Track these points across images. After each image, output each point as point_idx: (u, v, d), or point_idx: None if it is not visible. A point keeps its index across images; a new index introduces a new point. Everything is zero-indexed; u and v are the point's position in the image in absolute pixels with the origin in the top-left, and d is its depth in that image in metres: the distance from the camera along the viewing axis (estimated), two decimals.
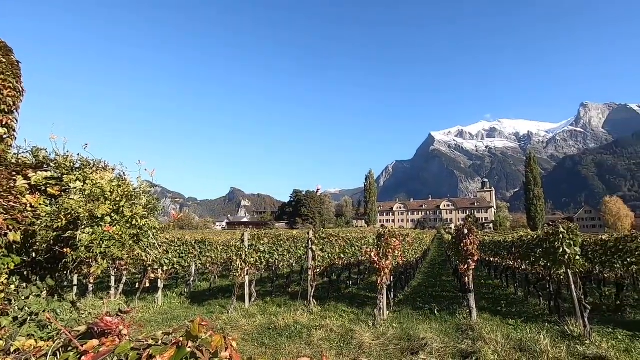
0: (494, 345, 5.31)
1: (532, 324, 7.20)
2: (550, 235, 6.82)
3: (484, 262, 19.45)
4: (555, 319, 7.45)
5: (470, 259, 6.96)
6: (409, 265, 13.15)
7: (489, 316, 8.05)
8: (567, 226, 6.57)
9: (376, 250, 7.23)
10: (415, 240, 16.29)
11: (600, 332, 6.61)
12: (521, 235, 10.33)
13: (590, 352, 5.14)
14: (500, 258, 14.17)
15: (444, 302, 9.87)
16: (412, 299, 10.52)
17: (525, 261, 9.79)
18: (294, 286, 12.41)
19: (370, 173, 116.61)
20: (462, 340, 5.79)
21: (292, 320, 6.89)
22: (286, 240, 10.63)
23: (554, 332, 6.46)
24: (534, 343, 5.38)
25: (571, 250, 6.36)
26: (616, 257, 8.25)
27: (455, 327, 6.82)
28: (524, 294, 10.87)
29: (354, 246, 11.91)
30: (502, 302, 10.20)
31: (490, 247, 17.16)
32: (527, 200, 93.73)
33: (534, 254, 8.29)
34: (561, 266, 6.55)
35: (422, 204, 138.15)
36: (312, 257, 8.35)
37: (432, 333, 6.06)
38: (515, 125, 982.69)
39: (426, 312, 8.32)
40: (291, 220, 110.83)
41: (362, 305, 9.13)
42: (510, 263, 12.17)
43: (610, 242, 8.54)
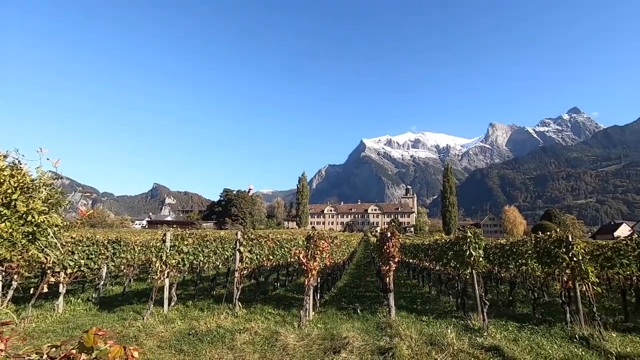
0: (408, 341, 5.72)
1: (442, 320, 7.93)
2: (459, 239, 7.61)
3: (404, 264, 20.87)
4: (461, 314, 8.29)
5: (391, 261, 7.42)
6: (336, 266, 13.54)
7: (406, 314, 8.65)
8: (473, 231, 7.39)
9: (305, 251, 7.31)
10: (343, 242, 16.85)
11: (495, 324, 7.52)
12: (436, 239, 11.32)
13: (487, 342, 5.82)
14: (419, 260, 15.35)
15: (367, 302, 10.35)
16: (337, 300, 10.84)
17: (439, 262, 10.73)
18: (219, 289, 11.95)
19: (303, 175, 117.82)
20: (381, 337, 6.12)
21: (215, 324, 6.61)
22: (213, 240, 10.19)
23: (459, 326, 7.18)
24: (442, 337, 5.91)
25: (476, 253, 7.17)
26: (510, 259, 9.49)
27: (375, 325, 7.19)
28: (436, 293, 11.91)
29: (283, 248, 11.88)
30: (418, 301, 11.04)
31: (410, 249, 18.49)
32: (444, 207, 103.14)
33: (446, 256, 9.15)
34: (467, 267, 7.34)
35: (352, 207, 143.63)
36: (240, 259, 8.12)
37: (354, 332, 6.30)
38: (436, 138, 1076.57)
39: (350, 312, 8.64)
40: (220, 220, 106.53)
41: (288, 307, 9.14)
42: (426, 264, 13.25)
43: (507, 246, 9.79)
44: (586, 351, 5.68)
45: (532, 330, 7.18)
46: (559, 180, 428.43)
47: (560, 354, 5.49)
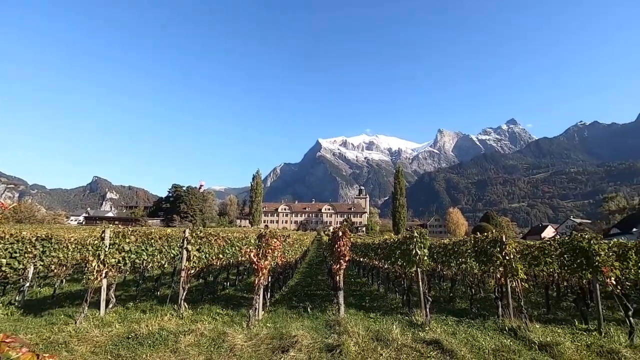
0: (355, 338, 5.87)
1: (388, 316, 8.24)
2: (407, 239, 7.96)
3: (355, 262, 21.37)
4: (406, 310, 8.68)
5: (342, 259, 7.56)
6: (288, 265, 13.50)
7: (355, 311, 8.87)
8: (419, 232, 7.78)
9: (256, 250, 7.20)
10: (296, 241, 16.86)
11: (437, 319, 7.99)
12: (386, 239, 11.73)
13: (428, 337, 6.16)
14: (369, 258, 15.81)
15: (317, 300, 10.46)
16: (288, 298, 10.82)
17: (387, 261, 11.13)
18: (164, 289, 11.38)
19: (257, 173, 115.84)
20: (329, 335, 6.21)
21: (158, 326, 6.28)
22: (158, 238, 9.65)
23: (404, 322, 7.50)
24: (387, 333, 6.15)
25: (421, 252, 7.55)
26: (452, 257, 10.12)
27: (325, 323, 7.28)
28: (384, 290, 12.35)
29: (234, 246, 11.60)
30: (367, 298, 11.37)
31: (361, 248, 18.97)
32: (394, 207, 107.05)
33: (394, 255, 9.52)
34: (413, 265, 7.70)
35: (306, 206, 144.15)
36: (187, 258, 7.79)
37: (303, 330, 6.33)
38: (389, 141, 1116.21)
39: (300, 311, 8.67)
40: (167, 217, 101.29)
41: (238, 307, 8.95)
42: (376, 263, 13.68)
43: (449, 246, 10.43)
44: (513, 341, 6.23)
45: (469, 324, 7.72)
46: (497, 185, 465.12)
47: (491, 345, 5.96)
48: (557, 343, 5.86)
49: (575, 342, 6.34)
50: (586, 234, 7.92)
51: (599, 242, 7.28)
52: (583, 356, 5.42)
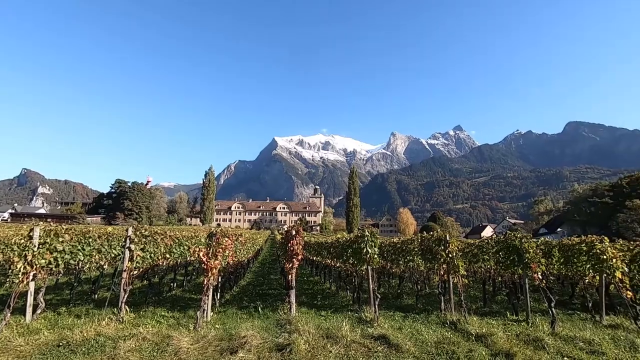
0: (306, 336, 5.90)
1: (339, 314, 8.38)
2: (358, 238, 8.17)
3: (309, 261, 21.49)
4: (356, 307, 8.89)
5: (295, 258, 7.56)
6: (239, 265, 13.22)
7: (307, 309, 8.91)
8: (370, 231, 8.02)
9: (206, 249, 6.95)
10: (249, 240, 16.56)
11: (385, 315, 8.28)
12: (338, 238, 11.94)
13: (376, 332, 6.36)
14: (322, 257, 15.98)
15: (269, 300, 10.36)
16: (239, 299, 10.59)
17: (339, 259, 11.32)
18: (103, 292, 10.61)
19: (210, 170, 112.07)
20: (280, 334, 6.18)
21: (94, 332, 5.82)
22: (97, 237, 8.95)
23: (354, 319, 7.68)
24: (337, 330, 6.25)
25: (372, 250, 7.79)
26: (401, 255, 10.56)
27: (276, 322, 7.23)
28: (336, 288, 12.54)
29: (183, 245, 11.11)
30: (319, 296, 11.49)
31: (314, 247, 19.12)
32: (348, 207, 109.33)
33: (346, 254, 9.70)
34: (364, 263, 7.92)
35: (260, 205, 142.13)
36: (130, 258, 7.31)
37: (253, 330, 6.23)
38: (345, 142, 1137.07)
39: (251, 311, 8.54)
40: (110, 214, 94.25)
41: (185, 309, 8.59)
42: (328, 261, 13.87)
43: (398, 244, 10.87)
44: (454, 334, 6.65)
45: (414, 318, 8.10)
46: (443, 187, 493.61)
47: (434, 337, 6.31)
48: (491, 334, 6.35)
49: (506, 332, 6.91)
50: (518, 233, 8.68)
51: (529, 241, 8.01)
52: (512, 344, 5.91)
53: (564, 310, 9.69)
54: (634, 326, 7.68)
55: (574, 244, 9.00)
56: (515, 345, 5.93)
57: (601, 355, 5.81)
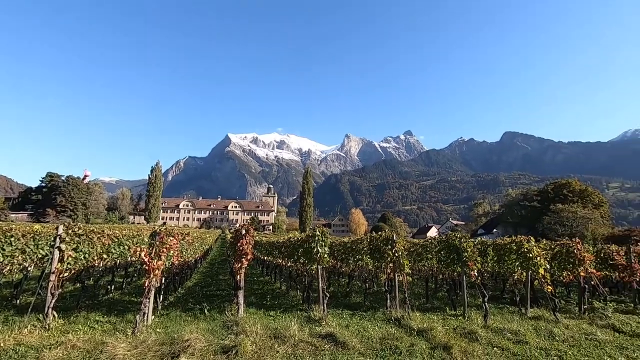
0: (253, 337, 5.81)
1: (288, 313, 8.37)
2: (309, 238, 8.22)
3: (260, 261, 21.19)
4: (305, 307, 8.93)
5: (244, 258, 7.41)
6: (186, 265, 12.67)
7: (255, 310, 8.78)
8: (321, 230, 8.11)
9: (148, 249, 6.56)
10: (197, 239, 15.93)
11: (333, 313, 8.42)
12: (290, 237, 11.92)
13: (324, 331, 6.44)
14: (273, 257, 15.83)
15: (216, 301, 10.04)
16: (184, 301, 10.14)
17: (291, 259, 11.31)
18: (27, 297, 9.58)
19: (157, 165, 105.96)
20: (226, 335, 6.02)
21: (13, 341, 5.23)
22: (21, 236, 8.06)
23: (302, 318, 7.71)
24: (286, 330, 6.24)
25: (322, 250, 7.88)
26: (350, 255, 10.80)
27: (223, 324, 7.03)
28: (286, 288, 12.50)
29: (123, 245, 10.39)
30: (269, 296, 11.37)
31: (266, 247, 18.89)
32: (301, 207, 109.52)
33: (297, 253, 9.72)
34: (314, 263, 7.99)
35: (211, 203, 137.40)
36: (60, 258, 6.66)
37: (198, 333, 6.00)
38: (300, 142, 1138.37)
39: (196, 313, 8.21)
40: (39, 211, 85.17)
41: (123, 313, 8.04)
42: (280, 261, 13.78)
43: (348, 244, 11.11)
44: (397, 329, 6.94)
45: (362, 316, 8.33)
46: (393, 189, 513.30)
47: (379, 334, 6.54)
48: (431, 328, 6.73)
49: (445, 326, 7.36)
50: (458, 234, 9.29)
51: (467, 241, 8.60)
52: (450, 337, 6.31)
53: (496, 304, 10.54)
54: (552, 317, 8.56)
55: (505, 244, 9.84)
56: (452, 338, 6.33)
57: (525, 344, 6.41)
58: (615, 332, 7.64)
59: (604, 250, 11.97)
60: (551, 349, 6.19)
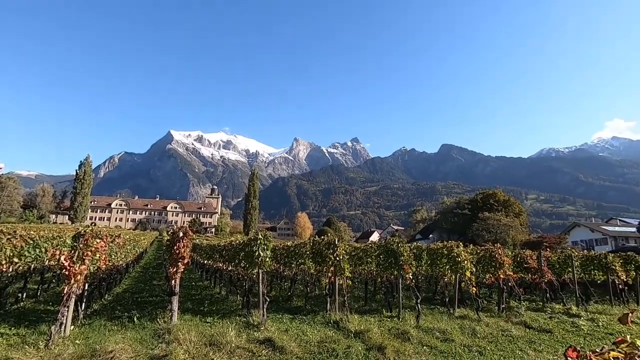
0: (186, 345, 5.53)
1: (227, 319, 8.10)
2: (251, 241, 8.06)
3: (199, 265, 20.30)
4: (245, 312, 8.72)
5: (180, 262, 7.05)
6: (115, 270, 11.70)
7: (191, 317, 8.37)
8: (264, 234, 8.01)
9: (69, 252, 5.95)
10: (129, 241, 14.81)
11: (273, 318, 8.33)
12: (231, 240, 11.60)
13: (262, 336, 6.35)
14: (213, 261, 15.27)
15: (148, 308, 9.40)
16: (111, 308, 9.34)
17: (232, 263, 11.00)
18: None
19: (87, 159, 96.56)
20: (156, 345, 5.66)
21: None
22: None
23: (241, 323, 7.52)
24: (222, 336, 6.03)
25: (264, 253, 7.77)
26: (293, 259, 10.79)
27: (153, 332, 6.60)
28: (226, 293, 12.13)
29: (39, 247, 9.30)
30: (207, 302, 10.91)
31: (206, 250, 18.16)
32: (246, 209, 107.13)
33: (239, 257, 9.49)
34: (255, 267, 7.85)
35: (148, 203, 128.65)
36: None
37: (124, 343, 5.57)
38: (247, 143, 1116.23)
39: (124, 321, 7.60)
40: None
41: (36, 323, 7.18)
42: (220, 265, 13.32)
43: (292, 248, 11.09)
44: (336, 332, 7.08)
45: (302, 320, 8.35)
46: (339, 194, 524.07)
47: (317, 337, 6.61)
48: (368, 330, 6.96)
49: (381, 327, 7.67)
50: (396, 238, 9.76)
51: (404, 246, 9.07)
52: (385, 338, 6.59)
53: (428, 305, 11.23)
54: (476, 316, 9.34)
55: (438, 249, 10.54)
56: (387, 338, 6.61)
57: (451, 342, 6.91)
58: (526, 328, 8.56)
59: (520, 254, 13.36)
60: (473, 346, 6.74)
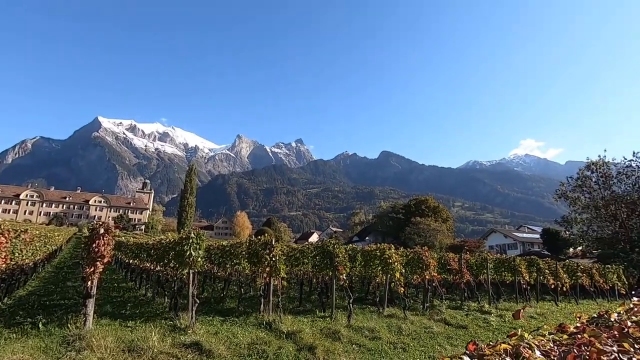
0: (101, 352, 5.05)
1: (151, 323, 7.55)
2: (182, 240, 7.64)
3: (124, 265, 18.75)
4: (172, 315, 8.24)
5: (99, 261, 6.41)
6: (18, 269, 10.29)
7: (109, 321, 7.68)
8: (197, 232, 7.64)
9: None
10: (40, 237, 13.15)
11: (203, 321, 7.97)
12: (161, 239, 10.90)
13: (189, 339, 6.04)
14: (140, 260, 14.19)
15: (58, 312, 8.43)
16: (10, 313, 8.17)
17: (160, 263, 10.32)
18: None
19: None
20: (64, 353, 5.09)
21: None
22: None
23: (167, 327, 7.08)
24: (144, 341, 5.62)
25: (196, 253, 7.41)
26: (228, 259, 10.47)
27: (62, 339, 5.92)
28: (152, 295, 11.34)
29: None
30: (129, 305, 10.11)
31: (132, 249, 16.82)
32: (181, 206, 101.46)
33: (168, 256, 8.93)
34: (186, 267, 7.45)
35: (67, 195, 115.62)
36: None
37: (24, 353, 4.92)
38: (186, 136, 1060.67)
39: (26, 328, 6.71)
40: None
41: None
42: (148, 265, 12.42)
43: (227, 247, 10.75)
44: (268, 334, 7.00)
45: (234, 322, 8.12)
46: (281, 194, 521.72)
47: (248, 339, 6.48)
48: (300, 330, 7.00)
49: (313, 328, 7.76)
50: (333, 240, 9.97)
51: (339, 247, 9.30)
52: (316, 338, 6.68)
53: (360, 305, 11.63)
54: (403, 314, 9.90)
55: (371, 250, 10.99)
56: (318, 339, 6.70)
57: (379, 340, 7.23)
58: (446, 325, 9.29)
59: (444, 257, 14.49)
60: (398, 343, 7.13)
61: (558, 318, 12.15)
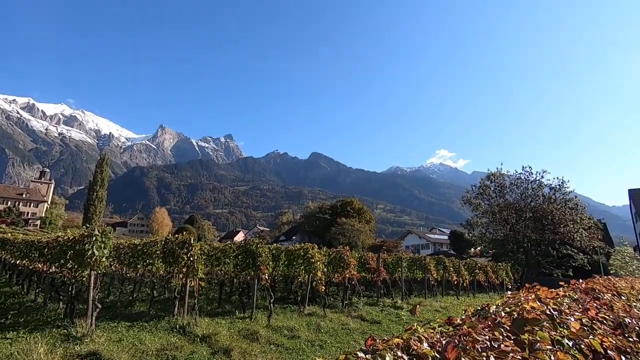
0: None
1: (39, 333, 6.57)
2: (84, 237, 6.78)
3: (9, 266, 16.14)
4: (67, 322, 7.27)
5: None
6: None
7: None
8: (102, 229, 6.86)
9: None
10: None
11: (106, 327, 7.18)
12: (58, 236, 9.54)
13: (86, 349, 5.39)
14: (30, 260, 12.28)
15: None
16: None
17: (56, 264, 9.05)
18: None
19: None
20: None
21: None
22: None
23: (59, 336, 6.22)
24: (27, 354, 4.85)
25: (100, 252, 6.64)
26: (140, 259, 9.63)
27: None
28: (44, 300, 9.91)
29: None
30: (12, 313, 8.69)
31: (20, 247, 14.49)
32: (89, 200, 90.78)
33: (66, 256, 7.87)
34: (87, 268, 6.63)
35: None
36: None
37: None
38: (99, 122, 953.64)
39: None
40: None
41: None
42: (39, 266, 10.81)
43: (139, 246, 9.88)
44: (180, 338, 6.58)
45: (142, 327, 7.46)
46: (206, 191, 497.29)
47: (157, 345, 6.01)
48: (216, 333, 6.72)
49: (231, 329, 7.52)
50: (257, 239, 9.81)
51: (263, 247, 9.19)
52: (233, 340, 6.48)
53: (282, 304, 11.62)
54: (322, 312, 10.15)
55: (295, 250, 11.07)
56: (235, 340, 6.51)
57: (298, 338, 7.30)
58: (362, 321, 9.77)
59: (364, 256, 15.25)
60: (316, 340, 7.28)
61: (458, 310, 13.61)
